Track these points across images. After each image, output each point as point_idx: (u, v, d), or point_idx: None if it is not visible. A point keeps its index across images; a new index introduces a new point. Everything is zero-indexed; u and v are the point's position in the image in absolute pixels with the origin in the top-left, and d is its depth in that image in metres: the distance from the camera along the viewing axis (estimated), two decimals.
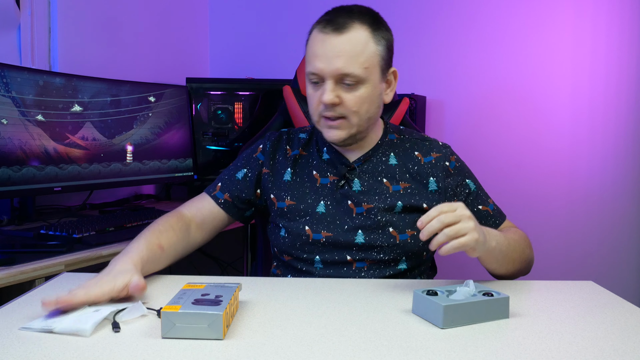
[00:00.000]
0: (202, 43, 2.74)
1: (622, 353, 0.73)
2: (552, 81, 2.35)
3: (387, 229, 1.15)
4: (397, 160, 1.20)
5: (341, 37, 1.07)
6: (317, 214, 1.17)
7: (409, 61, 2.45)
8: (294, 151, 1.25)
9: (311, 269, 1.16)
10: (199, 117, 2.26)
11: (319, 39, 1.10)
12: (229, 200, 1.23)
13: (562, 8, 2.32)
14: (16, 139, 1.55)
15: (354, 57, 1.07)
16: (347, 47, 1.07)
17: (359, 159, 1.19)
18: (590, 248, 2.35)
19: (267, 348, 0.73)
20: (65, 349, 0.72)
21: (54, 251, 1.30)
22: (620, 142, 2.31)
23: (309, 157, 1.24)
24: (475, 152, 2.39)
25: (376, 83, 1.12)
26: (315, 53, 1.09)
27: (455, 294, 0.86)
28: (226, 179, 1.26)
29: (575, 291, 1.02)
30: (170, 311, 0.75)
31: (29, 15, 1.87)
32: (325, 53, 1.08)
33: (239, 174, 1.25)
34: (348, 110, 1.09)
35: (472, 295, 0.86)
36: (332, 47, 1.07)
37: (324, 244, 1.15)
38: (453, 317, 0.82)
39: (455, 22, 2.43)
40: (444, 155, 1.21)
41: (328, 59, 1.07)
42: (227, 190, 1.24)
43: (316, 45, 1.10)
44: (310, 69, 1.10)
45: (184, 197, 2.31)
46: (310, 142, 1.25)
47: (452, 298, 0.85)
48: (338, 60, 1.06)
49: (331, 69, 1.07)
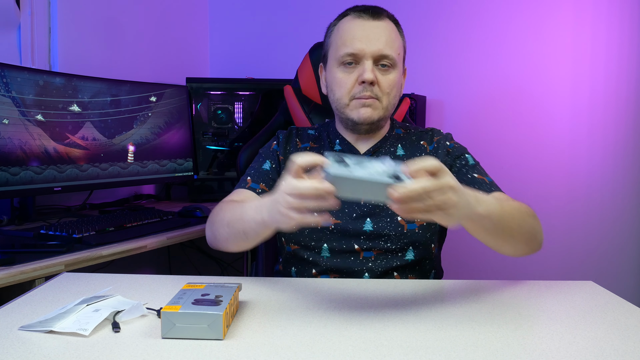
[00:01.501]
0: (202, 43, 2.74)
1: (622, 353, 0.73)
2: (552, 81, 2.35)
3: (396, 217, 1.16)
4: (404, 151, 1.25)
5: (379, 22, 1.17)
6: None
7: (409, 61, 2.43)
8: (304, 144, 1.29)
9: (317, 259, 1.16)
10: (199, 117, 2.26)
11: (357, 23, 1.17)
12: (266, 189, 1.22)
13: (562, 8, 2.32)
14: (16, 139, 1.55)
15: (391, 42, 1.17)
16: (385, 32, 1.17)
17: (368, 150, 1.25)
18: (590, 248, 2.35)
19: (267, 348, 0.73)
20: (65, 349, 0.72)
21: (54, 251, 1.30)
22: (620, 142, 2.31)
23: (320, 149, 1.28)
24: (475, 152, 2.36)
25: (401, 72, 1.23)
26: (354, 35, 1.16)
27: (362, 165, 0.79)
28: (253, 172, 1.25)
29: (575, 291, 1.02)
30: (170, 311, 0.75)
31: (29, 15, 1.87)
32: (366, 35, 1.15)
33: (265, 166, 1.26)
34: (382, 91, 1.16)
35: (375, 173, 0.77)
36: (372, 30, 1.16)
37: (332, 231, 1.16)
38: (339, 187, 0.77)
39: (456, 22, 2.43)
40: (445, 137, 1.28)
41: (369, 39, 1.15)
42: (260, 180, 1.23)
43: (355, 28, 1.17)
44: (348, 50, 1.15)
45: (184, 197, 2.31)
46: (320, 137, 1.30)
47: (347, 169, 0.77)
48: (379, 42, 1.15)
49: (372, 49, 1.14)
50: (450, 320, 0.85)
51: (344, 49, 1.16)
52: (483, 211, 0.89)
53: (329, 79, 1.22)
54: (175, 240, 1.61)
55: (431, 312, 0.89)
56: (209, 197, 2.26)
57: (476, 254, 2.31)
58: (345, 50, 1.16)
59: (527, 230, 1.04)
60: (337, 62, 1.18)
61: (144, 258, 2.09)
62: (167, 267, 2.34)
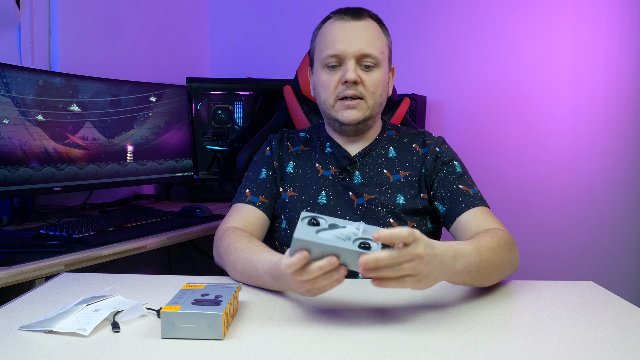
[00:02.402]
0: (202, 43, 2.74)
1: (622, 353, 0.73)
2: (552, 81, 2.35)
3: (388, 219, 1.17)
4: (396, 152, 1.26)
5: (360, 23, 1.19)
6: (318, 204, 1.20)
7: (409, 61, 2.45)
8: (295, 147, 1.30)
9: None
10: (199, 117, 2.26)
11: (338, 25, 1.19)
12: (265, 201, 1.23)
13: (562, 8, 2.32)
14: (16, 139, 1.55)
15: (373, 41, 1.18)
16: (367, 32, 1.18)
17: (359, 153, 1.25)
18: (590, 248, 2.35)
19: (267, 348, 0.73)
20: (65, 349, 0.72)
21: (54, 251, 1.30)
22: (620, 142, 2.31)
23: (311, 152, 1.28)
24: (475, 151, 2.39)
25: (386, 71, 1.22)
26: (335, 37, 1.18)
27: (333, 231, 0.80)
28: (251, 184, 1.25)
29: (575, 291, 1.02)
30: (170, 311, 0.75)
31: (29, 15, 1.87)
32: (347, 36, 1.17)
33: (262, 175, 1.26)
34: (366, 90, 1.17)
35: (346, 239, 0.78)
36: (353, 30, 1.17)
37: None
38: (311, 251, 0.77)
39: (456, 22, 2.43)
40: (436, 141, 1.27)
41: (350, 40, 1.16)
42: (259, 192, 1.24)
43: (336, 30, 1.19)
44: (330, 52, 1.17)
45: (184, 197, 2.31)
46: (311, 139, 1.31)
47: (315, 235, 0.78)
48: (360, 42, 1.16)
49: (354, 49, 1.16)
50: (450, 321, 0.85)
51: (327, 51, 1.18)
52: (461, 268, 0.88)
53: (315, 82, 1.24)
54: (175, 240, 1.61)
55: (431, 312, 0.89)
56: (209, 197, 2.26)
57: None
58: (328, 52, 1.18)
59: (503, 270, 1.02)
60: (322, 65, 1.20)
61: (144, 258, 2.09)
62: (167, 267, 2.34)
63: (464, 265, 0.89)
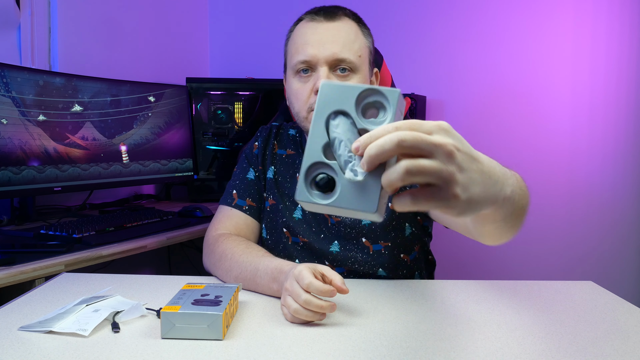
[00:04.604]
0: (202, 43, 2.74)
1: (622, 353, 0.73)
2: (552, 81, 2.35)
3: (360, 239, 1.12)
4: None
5: (334, 24, 1.05)
6: (293, 219, 1.16)
7: (409, 61, 2.45)
8: (280, 150, 1.22)
9: None
10: (199, 117, 2.26)
11: (309, 27, 1.06)
12: (253, 205, 1.19)
13: (562, 8, 2.32)
14: (16, 139, 1.55)
15: (349, 44, 1.04)
16: (341, 33, 1.04)
17: None
18: (590, 248, 2.34)
19: (267, 348, 0.73)
20: (65, 349, 0.72)
21: (53, 251, 1.29)
22: (620, 142, 2.31)
23: (295, 158, 1.21)
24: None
25: (367, 76, 1.09)
26: (306, 40, 1.05)
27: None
28: (238, 184, 1.22)
29: (575, 291, 1.02)
30: (169, 311, 0.75)
31: (29, 15, 1.87)
32: (319, 39, 1.04)
33: (250, 175, 1.22)
34: None
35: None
36: (326, 33, 1.04)
37: (302, 247, 1.15)
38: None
39: (456, 22, 2.43)
40: None
41: (322, 44, 1.03)
42: (246, 195, 1.19)
43: (307, 33, 1.06)
44: (301, 58, 1.05)
45: (184, 197, 2.31)
46: (300, 140, 1.23)
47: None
48: (333, 45, 1.03)
49: (326, 54, 1.03)
50: (449, 321, 0.85)
51: (297, 57, 1.06)
52: (509, 192, 0.61)
53: (287, 90, 1.12)
54: (175, 240, 1.61)
55: (431, 312, 0.89)
56: (209, 197, 2.26)
57: (476, 253, 2.31)
58: (298, 58, 1.05)
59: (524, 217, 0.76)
60: (293, 72, 1.08)
61: (143, 258, 2.09)
62: (167, 267, 2.34)
63: (512, 189, 0.62)
